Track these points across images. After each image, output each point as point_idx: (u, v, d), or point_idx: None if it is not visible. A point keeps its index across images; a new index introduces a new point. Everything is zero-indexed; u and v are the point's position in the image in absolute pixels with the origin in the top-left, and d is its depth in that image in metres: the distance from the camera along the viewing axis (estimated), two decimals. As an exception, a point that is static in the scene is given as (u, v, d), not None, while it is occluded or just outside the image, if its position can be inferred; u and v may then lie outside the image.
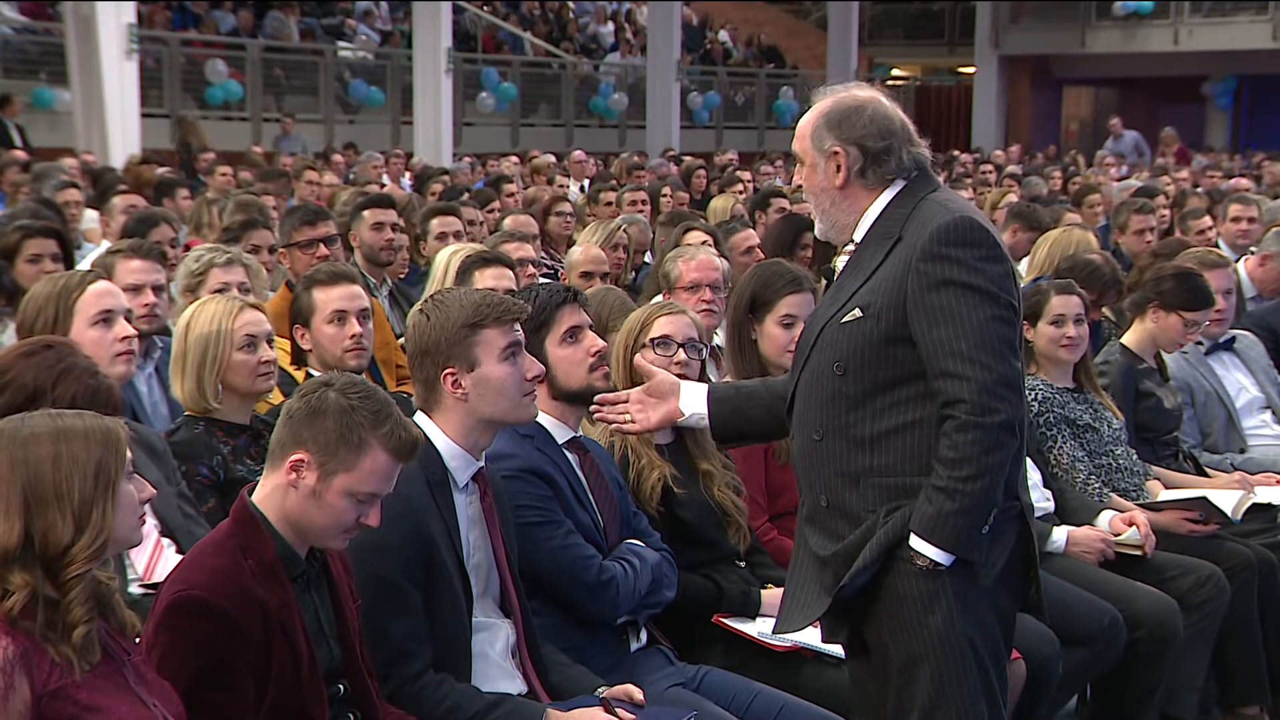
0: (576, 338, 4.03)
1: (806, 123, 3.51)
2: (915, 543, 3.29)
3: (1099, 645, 4.68)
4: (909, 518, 3.30)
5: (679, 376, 4.32)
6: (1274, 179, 16.73)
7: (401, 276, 7.80)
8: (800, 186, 3.59)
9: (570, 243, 8.70)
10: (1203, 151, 24.94)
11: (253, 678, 3.01)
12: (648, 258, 9.18)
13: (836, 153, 3.44)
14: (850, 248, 3.52)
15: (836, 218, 3.49)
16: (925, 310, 3.28)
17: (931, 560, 3.29)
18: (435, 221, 7.84)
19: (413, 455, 3.19)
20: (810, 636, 4.19)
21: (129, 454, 2.81)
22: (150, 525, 3.79)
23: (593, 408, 3.82)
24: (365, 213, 7.27)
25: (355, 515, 3.13)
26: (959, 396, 3.24)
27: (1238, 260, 7.71)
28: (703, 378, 4.56)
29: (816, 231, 3.59)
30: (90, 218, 10.11)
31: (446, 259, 6.17)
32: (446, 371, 3.58)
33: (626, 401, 3.80)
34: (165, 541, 3.88)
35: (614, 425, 3.84)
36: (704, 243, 6.83)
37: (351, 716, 3.23)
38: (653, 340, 4.38)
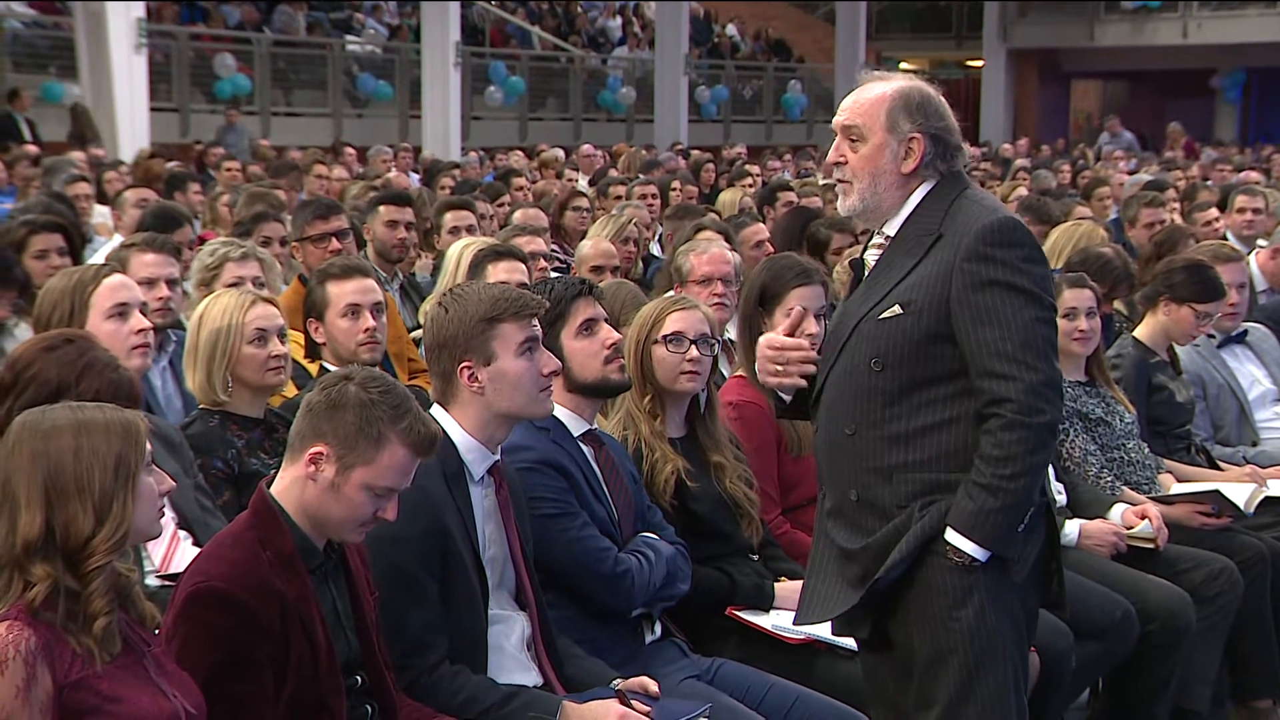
0: (592, 330, 4.04)
1: (875, 101, 3.44)
2: (953, 538, 3.31)
3: (1112, 638, 4.68)
4: (945, 512, 3.32)
5: (691, 374, 4.36)
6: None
7: (413, 273, 7.80)
8: (840, 162, 3.49)
9: (584, 237, 8.71)
10: (1212, 145, 24.89)
11: (271, 669, 3.02)
12: (655, 250, 9.21)
13: (914, 139, 3.42)
14: (878, 239, 3.49)
15: (879, 202, 3.46)
16: (970, 309, 3.29)
17: (969, 556, 3.30)
18: (449, 215, 7.86)
19: (431, 450, 3.20)
20: (823, 628, 4.21)
21: (149, 446, 2.82)
22: (168, 518, 3.80)
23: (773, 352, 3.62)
24: (381, 208, 7.28)
25: (373, 509, 3.14)
26: (1005, 396, 3.27)
27: (1249, 253, 7.70)
28: (714, 372, 4.57)
29: (844, 207, 3.54)
30: (100, 212, 10.13)
31: (458, 253, 6.19)
32: (463, 365, 3.59)
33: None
34: (182, 534, 3.90)
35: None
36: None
37: (369, 708, 3.24)
38: (665, 337, 4.38)
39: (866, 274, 3.51)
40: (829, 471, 3.51)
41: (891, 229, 3.46)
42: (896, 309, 3.35)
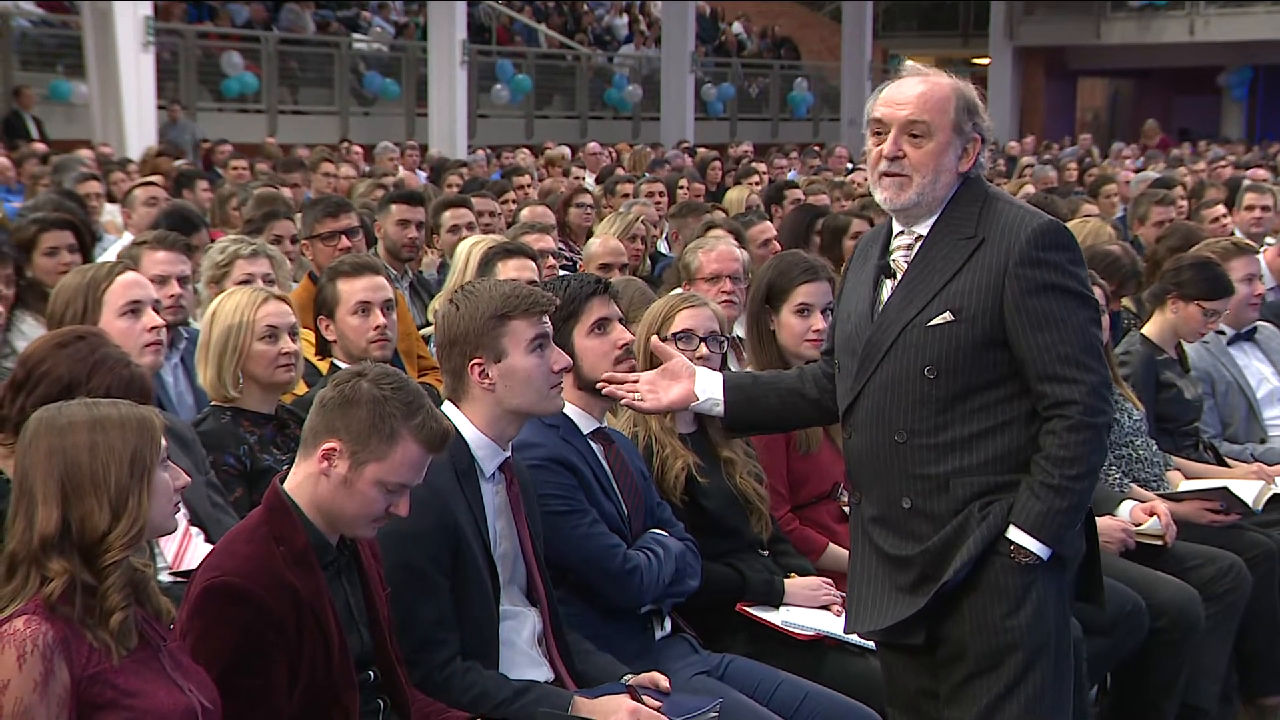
0: (605, 329, 4.05)
1: (941, 97, 3.40)
2: (1019, 537, 3.32)
3: (1120, 633, 4.69)
4: (1006, 513, 3.33)
5: None
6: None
7: (420, 270, 7.81)
8: (898, 156, 3.40)
9: (589, 234, 8.73)
10: (1218, 142, 24.88)
11: (285, 663, 3.04)
12: (663, 247, 9.22)
13: (976, 140, 3.43)
14: (905, 239, 3.47)
15: (933, 198, 3.42)
16: (1027, 315, 3.30)
17: (1034, 555, 3.32)
18: (448, 214, 7.87)
19: (443, 447, 3.21)
20: (832, 624, 4.23)
21: (164, 442, 2.84)
22: (180, 515, 3.82)
23: (600, 382, 3.82)
24: (393, 207, 7.30)
25: (385, 505, 3.15)
26: (1070, 398, 3.30)
27: (1258, 250, 7.71)
28: (724, 369, 4.58)
29: (895, 201, 3.43)
30: (110, 210, 10.15)
31: (467, 250, 6.21)
32: (474, 361, 3.60)
33: (637, 381, 3.79)
34: (194, 530, 3.92)
35: (624, 401, 3.82)
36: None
37: (381, 703, 3.26)
38: (674, 334, 4.40)
39: (899, 276, 3.45)
40: (872, 479, 3.47)
41: (922, 228, 3.44)
42: (947, 316, 3.33)
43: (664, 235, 9.52)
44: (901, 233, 3.48)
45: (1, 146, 15.33)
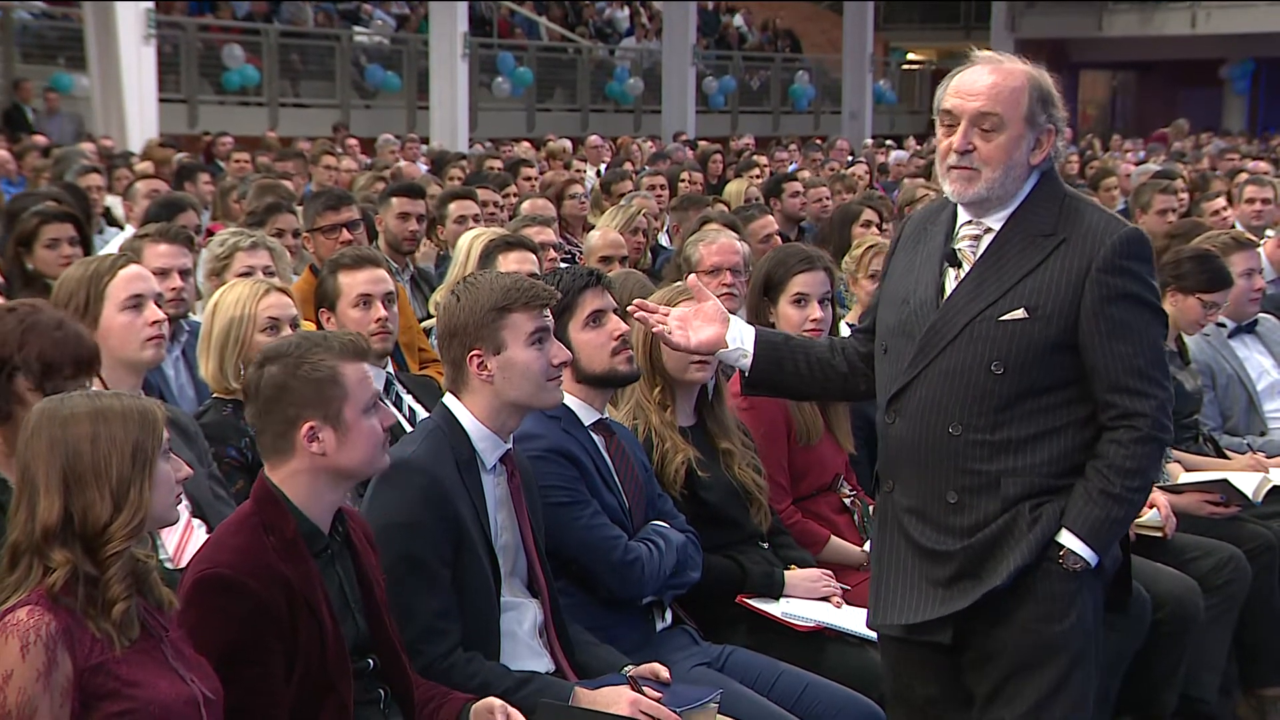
0: (600, 322, 4.05)
1: (1014, 88, 3.30)
2: (1072, 543, 3.27)
3: (1126, 626, 4.68)
4: (1057, 517, 3.28)
5: (701, 364, 4.37)
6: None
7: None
8: (968, 150, 3.30)
9: (585, 225, 8.73)
10: (1220, 135, 24.88)
11: (281, 652, 3.05)
12: (664, 240, 9.23)
13: (1049, 131, 3.34)
14: (972, 229, 3.38)
15: (1004, 193, 3.33)
16: (1105, 322, 3.24)
17: (1085, 562, 3.28)
18: (453, 205, 7.89)
19: (368, 350, 3.27)
20: (833, 616, 4.24)
21: (166, 434, 2.85)
22: (182, 507, 3.83)
23: (631, 306, 3.67)
24: (394, 200, 7.31)
25: (378, 423, 3.21)
26: (1141, 411, 3.26)
27: (1259, 243, 7.71)
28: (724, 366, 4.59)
29: (964, 195, 3.35)
30: (112, 202, 10.17)
31: (469, 243, 6.22)
32: (473, 353, 3.61)
33: (668, 314, 3.64)
34: (196, 522, 3.92)
35: (654, 330, 3.65)
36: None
37: (382, 691, 3.26)
38: None
39: (967, 267, 3.37)
40: (914, 469, 3.38)
41: (994, 220, 3.35)
42: (1021, 312, 3.26)
43: (665, 228, 9.53)
44: (970, 222, 3.39)
45: (3, 139, 15.33)
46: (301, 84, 23.48)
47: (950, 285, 3.36)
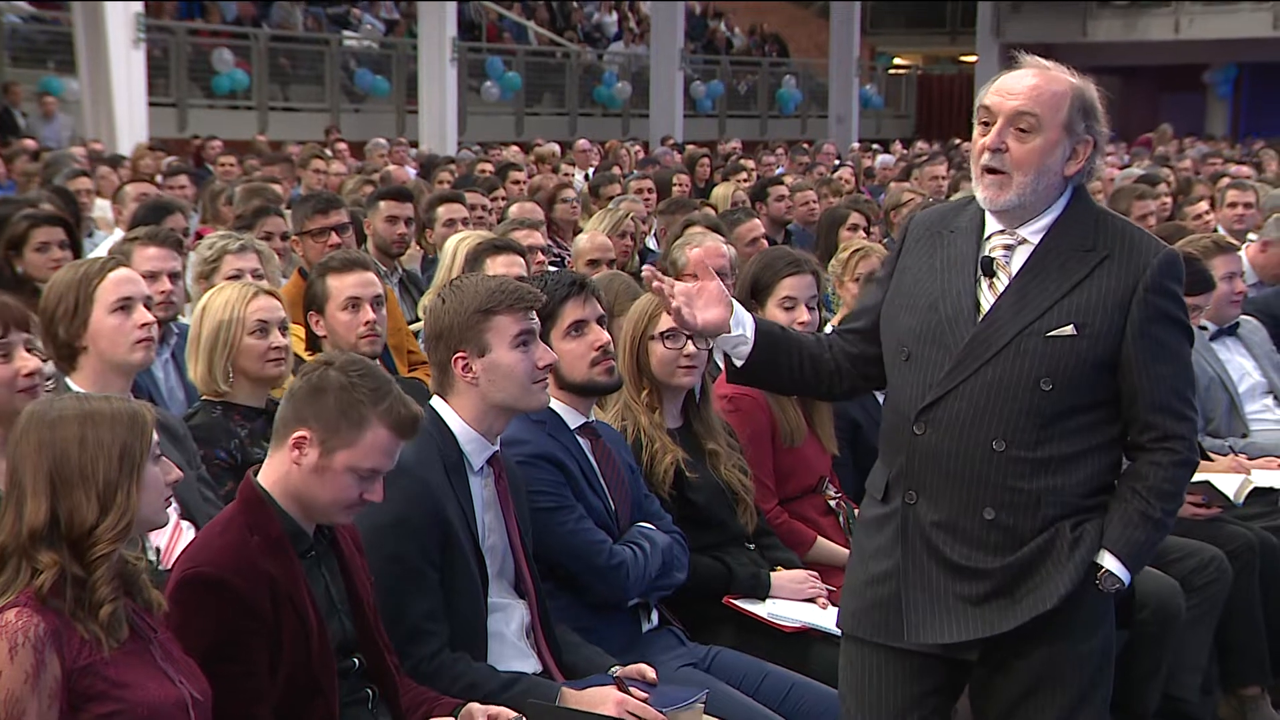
0: (581, 332, 4.04)
1: (1057, 92, 3.21)
2: (1113, 565, 3.20)
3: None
4: (1097, 538, 3.21)
5: (688, 368, 4.38)
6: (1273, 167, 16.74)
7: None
8: (1000, 150, 3.20)
9: (576, 229, 8.74)
10: (1203, 139, 24.94)
11: (265, 650, 3.05)
12: (651, 243, 9.24)
13: (1086, 143, 3.23)
14: (1005, 239, 3.26)
15: (1034, 202, 3.22)
16: (1150, 342, 3.17)
17: (1122, 584, 3.22)
18: (442, 209, 7.88)
19: (413, 432, 3.21)
20: (818, 616, 4.25)
21: (155, 437, 2.84)
22: (170, 508, 3.82)
23: (646, 271, 3.45)
24: (381, 203, 7.31)
25: (358, 491, 3.16)
26: (1180, 434, 3.22)
27: (1240, 246, 7.74)
28: (710, 364, 4.60)
29: (995, 202, 3.23)
30: (101, 206, 10.16)
31: (455, 245, 6.23)
32: (457, 355, 3.62)
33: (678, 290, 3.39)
34: (184, 524, 3.92)
35: (669, 300, 3.38)
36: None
37: (370, 691, 3.26)
38: (661, 333, 4.40)
39: (1003, 277, 3.25)
40: (947, 482, 3.23)
41: (1029, 231, 3.24)
42: (1070, 329, 3.15)
43: (652, 231, 9.54)
44: (1001, 231, 3.27)
45: (-8, 143, 15.31)
46: (291, 88, 23.45)
47: (985, 295, 3.25)
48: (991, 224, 3.29)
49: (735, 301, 3.45)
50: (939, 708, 3.41)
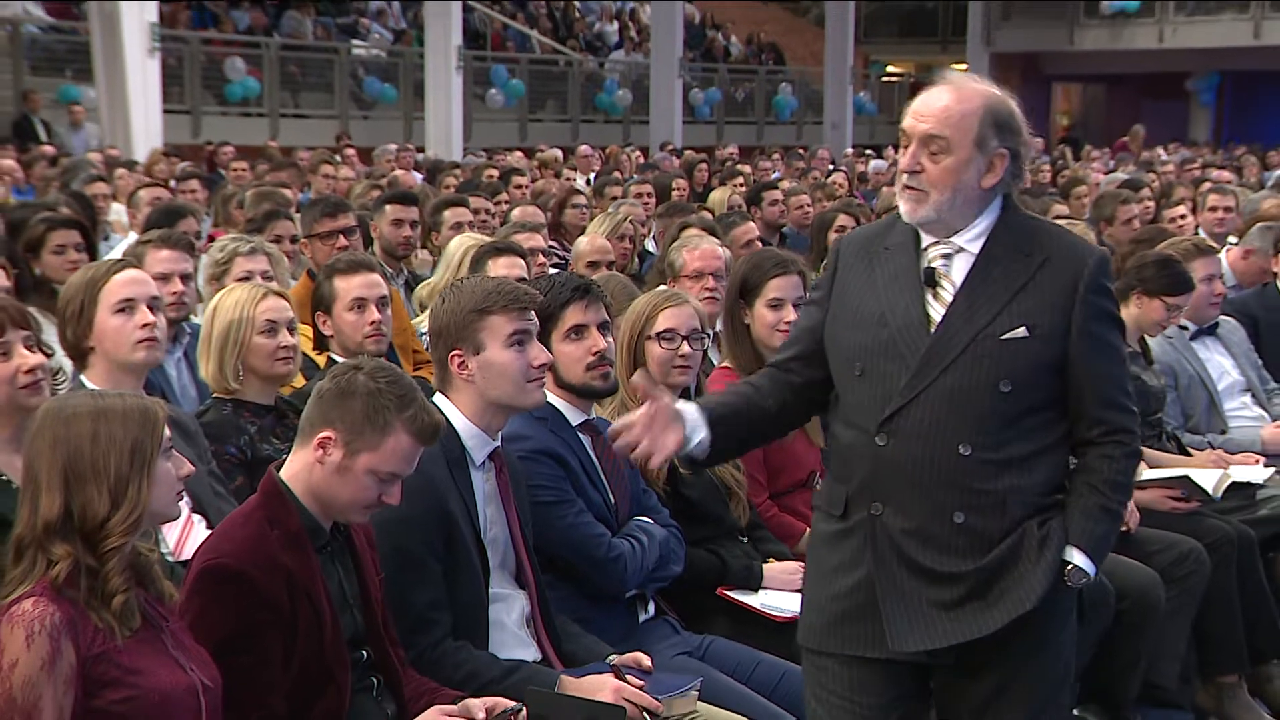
0: (580, 336, 4.05)
1: (965, 112, 3.19)
2: (1081, 560, 3.19)
3: (1091, 617, 4.68)
4: (1062, 535, 3.20)
5: (683, 368, 4.39)
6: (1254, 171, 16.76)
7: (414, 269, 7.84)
8: (915, 170, 3.20)
9: (583, 233, 8.74)
10: (1186, 145, 24.96)
11: (279, 641, 3.07)
12: (650, 246, 9.26)
13: (1001, 156, 3.21)
14: (943, 248, 3.24)
15: (954, 216, 3.22)
16: (1093, 341, 3.19)
17: (1089, 577, 3.21)
18: (448, 213, 7.90)
19: (434, 439, 3.24)
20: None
21: (167, 432, 2.85)
22: (183, 502, 3.83)
23: (616, 444, 3.36)
24: (387, 207, 7.32)
25: (377, 493, 3.18)
26: (1128, 427, 3.24)
27: (1220, 250, 7.76)
28: (705, 362, 4.61)
29: (913, 216, 3.23)
30: (117, 210, 10.18)
31: (457, 248, 6.26)
32: (453, 353, 3.64)
33: (636, 429, 3.30)
34: (196, 518, 3.93)
35: (639, 458, 3.37)
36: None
37: (375, 680, 3.29)
38: (658, 334, 4.42)
39: (948, 286, 3.22)
40: (913, 490, 3.19)
41: (965, 240, 3.23)
42: (1023, 331, 3.15)
43: (651, 234, 9.55)
44: (937, 242, 3.26)
45: (12, 149, 15.32)
46: (301, 95, 23.44)
47: (931, 305, 3.22)
48: (925, 236, 3.28)
49: (683, 408, 3.34)
50: (912, 713, 3.37)
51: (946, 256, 3.24)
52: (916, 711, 3.38)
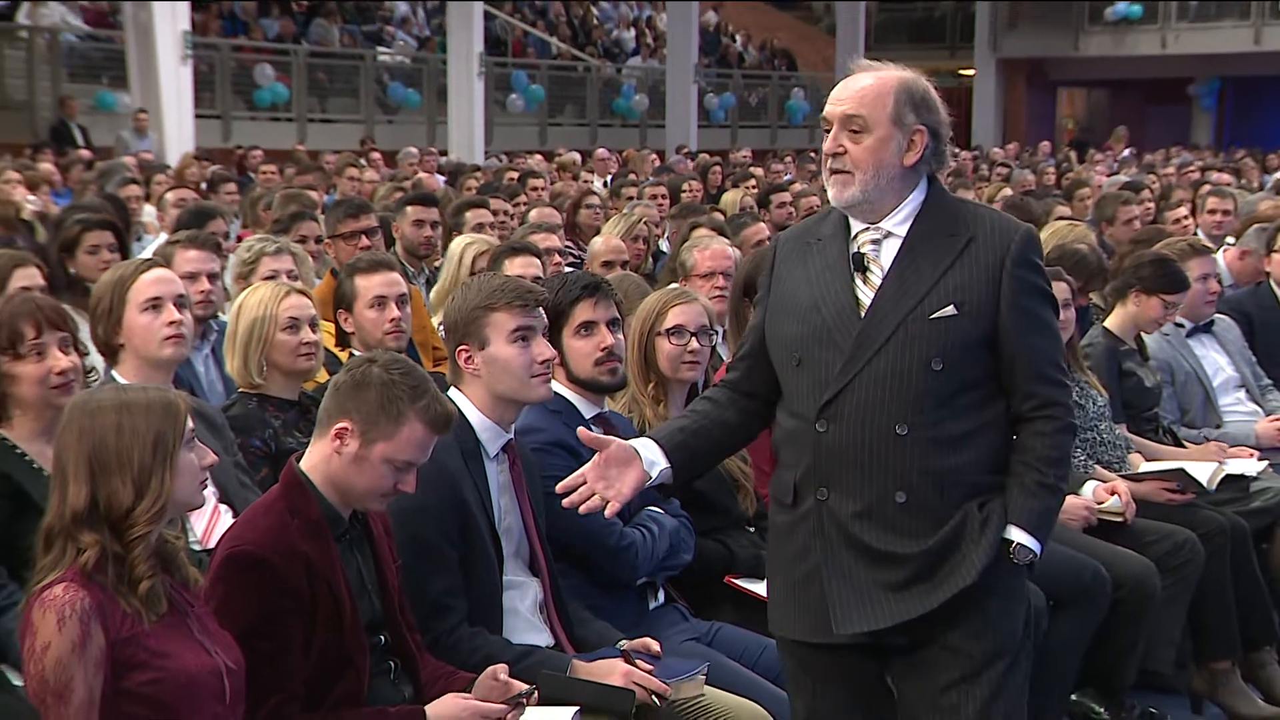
0: (590, 332, 4.07)
1: (880, 91, 3.17)
2: (1021, 537, 3.15)
3: (1088, 605, 4.70)
4: (1003, 514, 3.16)
5: (692, 364, 4.40)
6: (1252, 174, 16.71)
7: (436, 267, 7.86)
8: (839, 153, 3.19)
9: (598, 233, 8.75)
10: (1188, 148, 24.89)
11: (300, 626, 3.09)
12: (664, 246, 9.27)
13: (919, 132, 3.18)
14: (871, 234, 3.21)
15: (880, 196, 3.18)
16: (1023, 316, 3.15)
17: (1034, 554, 3.16)
18: (468, 214, 7.92)
19: (447, 428, 3.26)
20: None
21: (190, 424, 2.88)
22: (209, 492, 3.86)
23: (566, 501, 3.29)
24: (409, 208, 7.35)
25: (393, 481, 3.20)
26: (1060, 400, 3.20)
27: (1218, 250, 7.75)
28: (714, 359, 4.63)
29: (840, 199, 3.21)
30: (149, 212, 10.22)
31: (460, 248, 6.30)
32: (460, 347, 3.67)
33: (585, 483, 3.27)
34: (223, 508, 3.96)
35: (587, 508, 3.29)
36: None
37: (392, 664, 3.31)
38: (667, 330, 4.43)
39: (877, 270, 3.19)
40: (857, 473, 3.15)
41: (893, 224, 3.20)
42: (951, 309, 3.11)
43: (665, 235, 9.56)
44: (866, 228, 3.23)
45: (51, 153, 15.39)
46: (328, 101, 23.51)
47: (861, 290, 3.20)
48: (856, 224, 3.24)
49: (637, 444, 3.32)
50: (874, 706, 3.32)
51: (875, 242, 3.21)
52: (879, 704, 3.32)
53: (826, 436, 3.17)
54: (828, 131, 3.24)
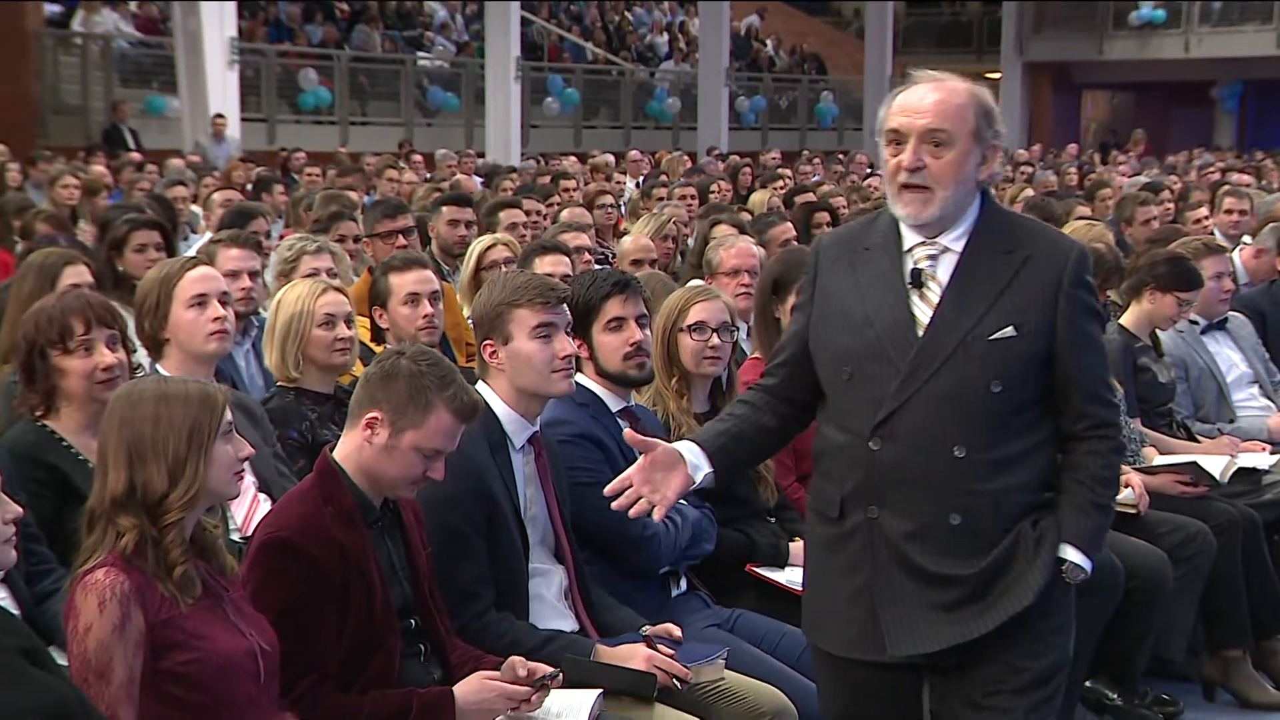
0: (619, 328, 4.08)
1: (961, 104, 3.03)
2: (1076, 557, 3.05)
3: (1101, 594, 4.68)
4: (1056, 532, 3.06)
5: (713, 359, 4.41)
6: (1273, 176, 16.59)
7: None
8: (919, 167, 3.02)
9: (615, 231, 8.80)
10: (1211, 150, 24.74)
11: (333, 610, 3.12)
12: (692, 244, 9.29)
13: (994, 147, 3.06)
14: (928, 249, 3.08)
15: (954, 212, 3.05)
16: (1079, 335, 3.03)
17: (1086, 573, 3.07)
18: (503, 214, 7.93)
19: (474, 417, 3.28)
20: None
21: (228, 416, 2.91)
22: (249, 482, 3.91)
23: (615, 505, 3.21)
24: (444, 209, 7.38)
25: (423, 469, 3.23)
26: (1113, 420, 3.11)
27: (1234, 249, 7.72)
28: (736, 351, 4.64)
29: (919, 216, 3.05)
30: (195, 212, 10.31)
31: (474, 247, 6.34)
32: (485, 342, 3.71)
33: (631, 486, 3.17)
34: (262, 497, 3.99)
35: (636, 512, 3.19)
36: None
37: (422, 647, 3.33)
38: (689, 326, 4.44)
39: (935, 287, 3.06)
40: (910, 493, 3.03)
41: (950, 239, 3.06)
42: (1011, 330, 2.99)
43: (694, 235, 9.57)
44: (923, 242, 3.08)
45: (103, 156, 15.52)
46: (370, 104, 23.61)
47: (917, 306, 3.06)
48: (910, 236, 3.09)
49: (678, 445, 3.23)
50: (909, 710, 3.23)
51: (933, 257, 3.07)
52: (912, 708, 3.23)
53: (881, 454, 3.04)
54: (895, 143, 3.06)
